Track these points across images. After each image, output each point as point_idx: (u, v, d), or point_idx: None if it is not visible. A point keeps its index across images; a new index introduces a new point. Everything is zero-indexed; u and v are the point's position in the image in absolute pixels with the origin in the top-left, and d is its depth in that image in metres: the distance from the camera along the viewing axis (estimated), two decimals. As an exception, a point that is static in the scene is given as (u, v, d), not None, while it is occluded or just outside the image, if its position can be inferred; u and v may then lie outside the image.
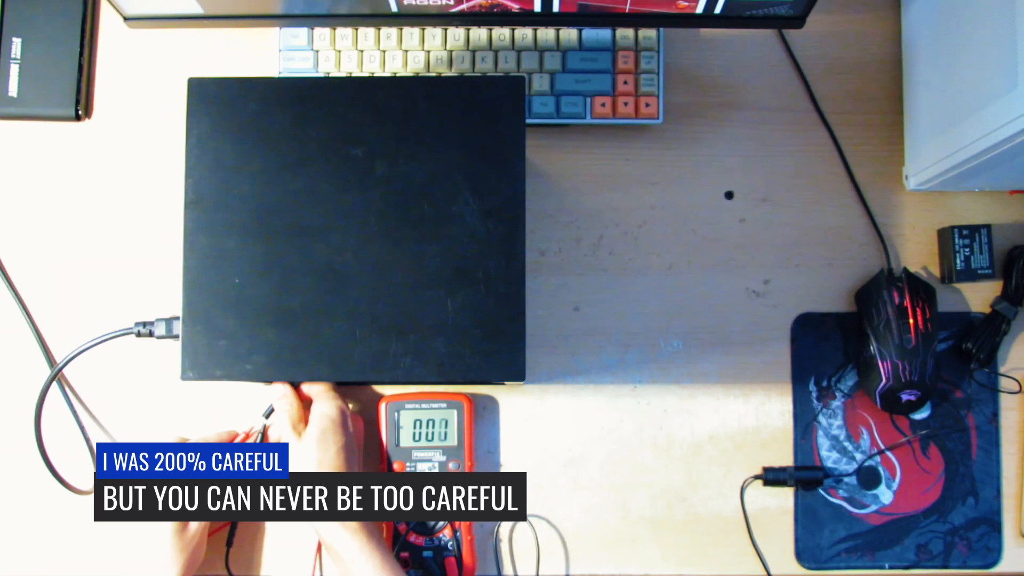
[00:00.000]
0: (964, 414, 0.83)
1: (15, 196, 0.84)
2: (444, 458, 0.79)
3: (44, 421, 0.78)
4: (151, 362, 0.82)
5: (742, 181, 0.85)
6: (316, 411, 0.74)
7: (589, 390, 0.83)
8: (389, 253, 0.69)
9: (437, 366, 0.69)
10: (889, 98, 0.85)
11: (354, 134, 0.70)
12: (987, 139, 0.69)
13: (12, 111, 0.84)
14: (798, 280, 0.84)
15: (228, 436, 0.78)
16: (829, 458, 0.83)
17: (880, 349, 0.79)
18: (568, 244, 0.84)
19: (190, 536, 0.73)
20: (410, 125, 0.70)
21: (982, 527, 0.82)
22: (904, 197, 0.85)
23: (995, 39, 0.68)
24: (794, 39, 0.86)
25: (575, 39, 0.82)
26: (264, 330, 0.69)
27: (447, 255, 0.69)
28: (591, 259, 0.84)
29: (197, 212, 0.70)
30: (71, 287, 0.83)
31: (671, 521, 0.82)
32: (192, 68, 0.85)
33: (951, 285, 0.84)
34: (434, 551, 0.78)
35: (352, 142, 0.70)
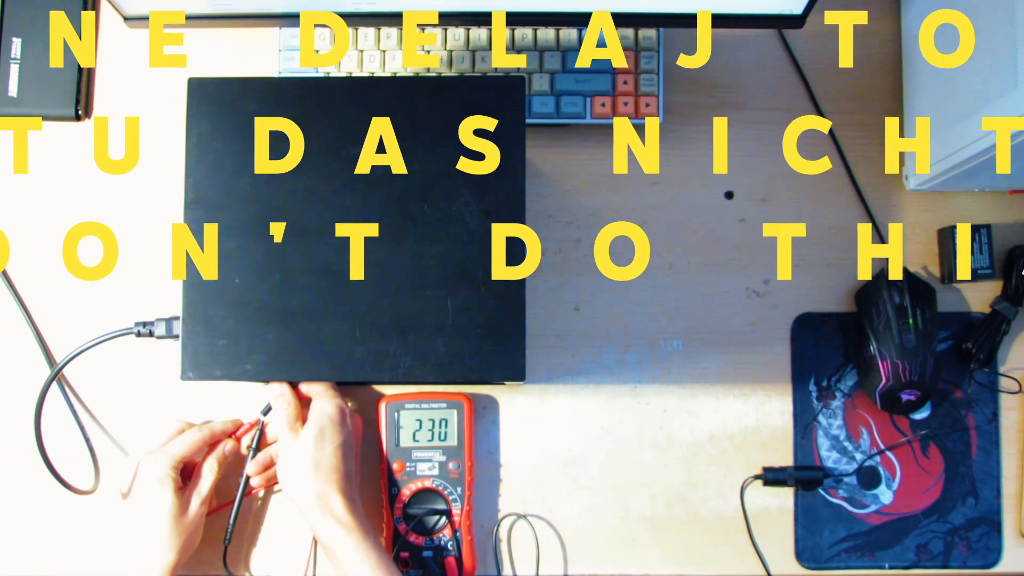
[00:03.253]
0: (964, 414, 0.83)
1: (15, 196, 0.84)
2: (444, 458, 0.79)
3: (44, 421, 0.78)
4: (151, 362, 0.82)
5: (742, 181, 0.85)
6: (315, 409, 0.74)
7: (589, 390, 0.83)
8: (389, 253, 0.69)
9: (437, 366, 0.69)
10: (889, 98, 0.85)
11: (354, 134, 0.70)
12: (987, 139, 0.69)
13: (12, 111, 0.84)
14: (798, 280, 0.84)
15: (233, 426, 0.79)
16: (829, 458, 0.83)
17: (880, 349, 0.79)
18: (568, 244, 0.84)
19: (188, 520, 0.73)
20: (410, 125, 0.70)
21: (982, 527, 0.82)
22: (904, 197, 0.85)
23: (995, 39, 0.68)
24: (794, 39, 0.86)
25: (575, 39, 0.82)
26: (264, 330, 0.69)
27: (447, 255, 0.69)
28: (591, 259, 0.84)
29: (197, 212, 0.70)
30: (71, 287, 0.83)
31: (671, 521, 0.82)
32: (192, 68, 0.85)
33: (951, 285, 0.84)
34: (434, 551, 0.78)
35: (352, 142, 0.70)
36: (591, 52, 0.81)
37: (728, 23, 0.76)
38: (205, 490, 0.75)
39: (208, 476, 0.75)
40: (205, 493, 0.75)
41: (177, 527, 0.73)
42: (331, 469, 0.72)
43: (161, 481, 0.73)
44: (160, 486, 0.73)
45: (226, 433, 0.78)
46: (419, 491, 0.79)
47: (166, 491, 0.73)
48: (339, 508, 0.71)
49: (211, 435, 0.77)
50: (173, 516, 0.73)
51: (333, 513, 0.71)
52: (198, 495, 0.74)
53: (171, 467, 0.74)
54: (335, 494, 0.71)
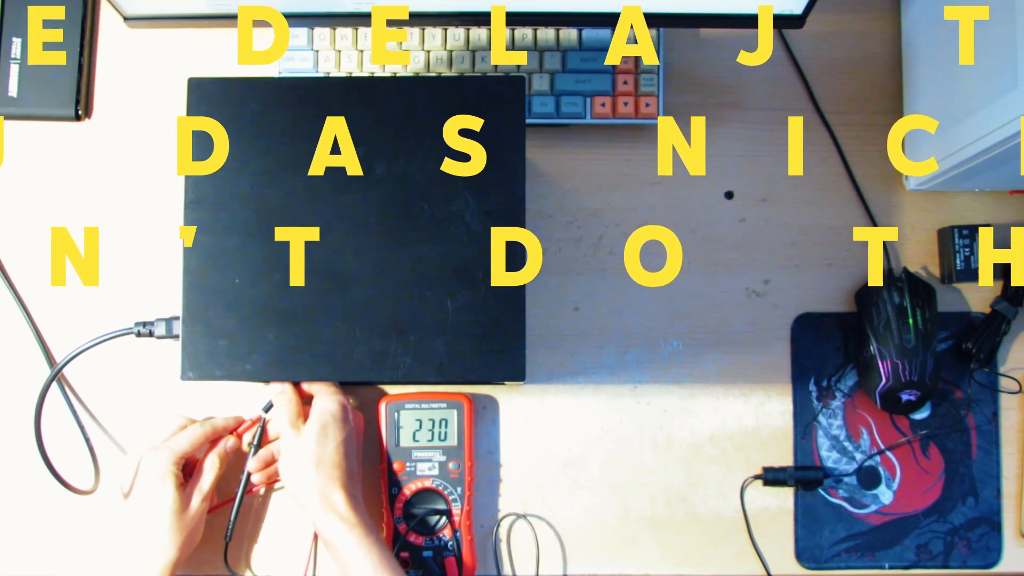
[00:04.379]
0: (964, 414, 0.83)
1: (15, 196, 0.84)
2: (444, 458, 0.79)
3: (44, 421, 0.78)
4: (151, 362, 0.82)
5: (742, 181, 0.85)
6: (317, 406, 0.74)
7: (589, 390, 0.83)
8: (389, 253, 0.69)
9: (437, 366, 0.69)
10: (889, 98, 0.85)
11: (354, 134, 0.70)
12: (987, 139, 0.69)
13: (12, 111, 0.84)
14: (798, 280, 0.84)
15: (234, 423, 0.79)
16: (829, 458, 0.83)
17: (880, 349, 0.79)
18: (568, 244, 0.84)
19: (190, 516, 0.74)
20: (410, 125, 0.70)
21: (982, 527, 0.82)
22: (904, 197, 0.85)
23: (995, 39, 0.68)
24: (794, 39, 0.86)
25: (575, 39, 0.82)
26: (264, 330, 0.69)
27: (447, 255, 0.69)
28: (591, 259, 0.84)
29: (197, 212, 0.70)
30: (71, 287, 0.83)
31: (671, 521, 0.82)
32: (192, 68, 0.85)
33: (951, 285, 0.84)
34: (434, 551, 0.78)
35: (352, 142, 0.70)
36: (621, 49, 0.80)
37: (728, 23, 0.76)
38: (207, 487, 0.75)
39: (210, 473, 0.75)
40: (207, 490, 0.75)
41: (178, 523, 0.73)
42: (333, 466, 0.72)
43: (163, 477, 0.73)
44: (162, 482, 0.73)
45: (228, 430, 0.78)
46: (419, 491, 0.79)
47: (168, 487, 0.73)
48: (341, 504, 0.71)
49: (213, 431, 0.77)
50: (174, 512, 0.73)
51: (335, 509, 0.71)
52: (200, 491, 0.74)
53: (173, 463, 0.74)
54: (337, 490, 0.71)
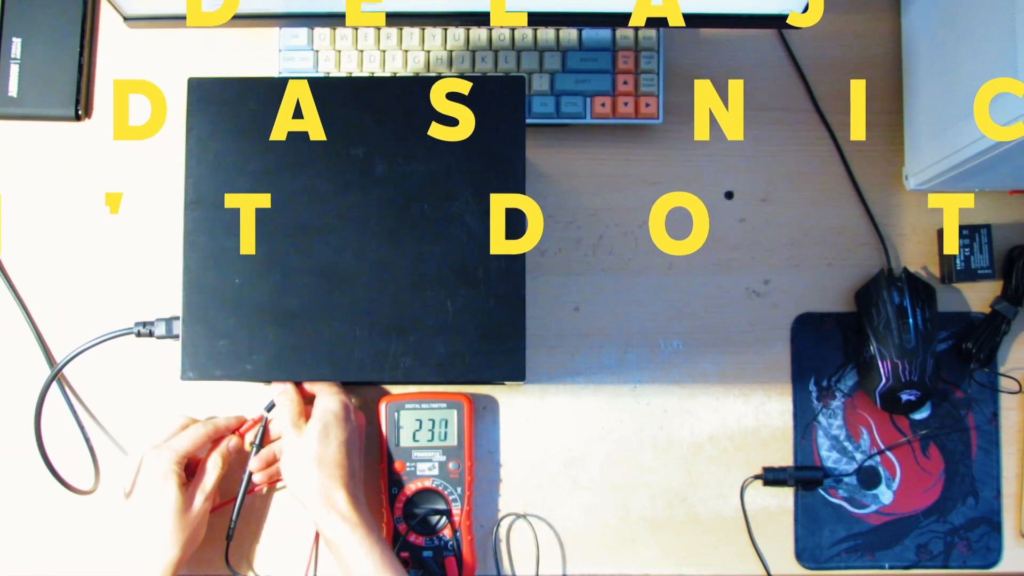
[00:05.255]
0: (964, 414, 0.83)
1: (15, 196, 0.84)
2: (444, 458, 0.79)
3: (44, 421, 0.78)
4: (151, 362, 0.82)
5: (742, 181, 0.85)
6: (319, 406, 0.74)
7: (589, 390, 0.83)
8: (389, 253, 0.69)
9: (437, 366, 0.69)
10: (889, 98, 0.85)
11: (354, 134, 0.70)
12: (987, 139, 0.69)
13: (12, 111, 0.84)
14: (798, 280, 0.84)
15: (236, 422, 0.79)
16: (829, 458, 0.83)
17: (880, 349, 0.79)
18: (568, 244, 0.84)
19: (192, 516, 0.73)
20: (410, 125, 0.70)
21: (982, 527, 0.82)
22: (904, 197, 0.85)
23: (995, 39, 0.68)
24: (794, 39, 0.86)
25: (575, 39, 0.82)
26: (264, 330, 0.69)
27: (447, 255, 0.69)
28: (591, 259, 0.84)
29: (197, 212, 0.70)
30: (71, 287, 0.83)
31: (671, 521, 0.82)
32: (192, 68, 0.85)
33: (951, 285, 0.84)
34: (434, 551, 0.78)
35: (352, 142, 0.70)
36: (647, 10, 0.75)
37: (728, 23, 0.76)
38: (209, 486, 0.75)
39: (212, 472, 0.75)
40: (209, 489, 0.75)
41: (181, 523, 0.73)
42: (335, 465, 0.72)
43: (165, 476, 0.73)
44: (164, 481, 0.73)
45: (230, 429, 0.78)
46: (419, 491, 0.79)
47: (170, 486, 0.73)
48: (343, 504, 0.71)
49: (215, 431, 0.77)
50: (177, 511, 0.73)
51: (337, 509, 0.71)
52: (202, 491, 0.74)
53: (175, 462, 0.74)
54: (339, 490, 0.71)
